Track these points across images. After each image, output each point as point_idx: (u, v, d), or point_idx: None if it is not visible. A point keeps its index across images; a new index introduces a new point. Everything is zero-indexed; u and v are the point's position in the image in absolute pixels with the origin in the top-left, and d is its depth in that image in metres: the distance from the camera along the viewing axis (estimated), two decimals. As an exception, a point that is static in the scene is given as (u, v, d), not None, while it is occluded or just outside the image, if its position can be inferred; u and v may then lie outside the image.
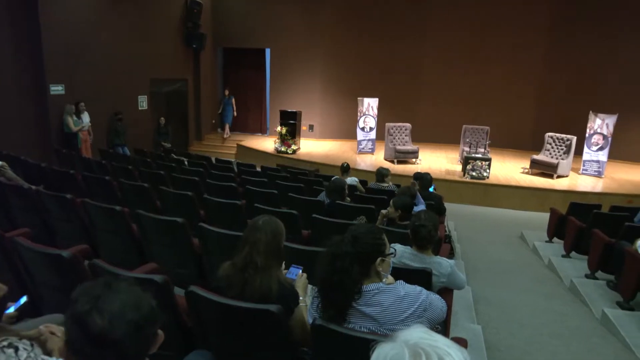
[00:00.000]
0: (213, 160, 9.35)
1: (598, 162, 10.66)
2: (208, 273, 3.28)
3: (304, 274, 2.18)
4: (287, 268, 2.18)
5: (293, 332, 1.93)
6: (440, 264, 2.70)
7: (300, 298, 2.05)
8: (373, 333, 1.73)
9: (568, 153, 10.49)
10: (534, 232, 7.41)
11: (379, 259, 1.84)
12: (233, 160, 10.84)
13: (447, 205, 6.32)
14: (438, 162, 11.82)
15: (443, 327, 2.49)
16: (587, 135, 10.71)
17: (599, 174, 10.64)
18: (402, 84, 13.96)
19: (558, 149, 10.77)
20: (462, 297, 4.21)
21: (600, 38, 12.41)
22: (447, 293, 2.69)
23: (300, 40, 13.84)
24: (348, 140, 13.81)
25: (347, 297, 1.76)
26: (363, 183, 6.82)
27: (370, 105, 12.25)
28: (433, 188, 6.52)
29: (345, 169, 6.82)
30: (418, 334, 0.86)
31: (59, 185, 5.24)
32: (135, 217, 3.46)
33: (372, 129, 12.39)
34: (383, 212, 3.93)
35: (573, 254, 5.99)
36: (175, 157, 9.17)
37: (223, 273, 2.05)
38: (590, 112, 10.71)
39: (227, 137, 14.17)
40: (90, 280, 1.09)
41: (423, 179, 6.00)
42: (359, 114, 12.25)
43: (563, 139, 10.71)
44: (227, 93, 14.25)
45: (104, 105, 9.96)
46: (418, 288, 1.88)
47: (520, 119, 13.63)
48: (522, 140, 13.55)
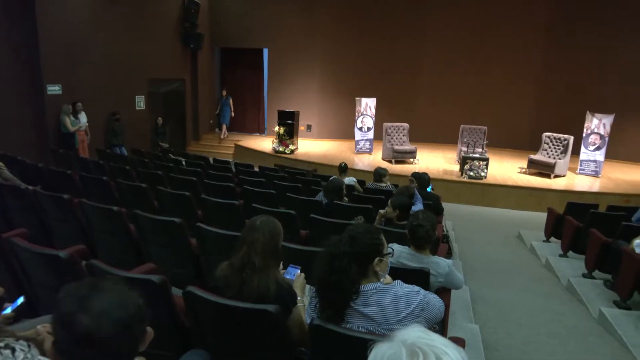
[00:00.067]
0: (211, 161, 9.34)
1: (595, 161, 10.69)
2: (206, 273, 3.27)
3: (302, 274, 2.18)
4: (285, 268, 2.18)
5: (291, 332, 1.94)
6: (438, 264, 2.70)
7: (298, 298, 2.05)
8: (371, 333, 1.73)
9: (565, 153, 10.52)
10: (532, 231, 7.43)
11: (377, 259, 1.84)
12: (231, 160, 10.84)
13: (444, 205, 6.33)
14: (436, 162, 11.84)
15: (441, 326, 2.49)
16: (584, 135, 10.74)
17: (596, 174, 10.67)
18: (399, 84, 13.97)
19: (555, 149, 10.80)
20: (459, 296, 4.21)
21: (598, 38, 12.45)
22: (444, 293, 2.69)
23: (298, 40, 13.83)
24: (346, 140, 13.81)
25: (345, 297, 1.76)
26: (361, 183, 6.83)
27: (368, 105, 12.26)
28: (431, 188, 6.53)
29: (343, 169, 6.83)
30: (415, 334, 0.86)
31: (56, 186, 5.22)
32: (133, 217, 3.45)
33: (369, 129, 12.40)
34: (381, 212, 3.93)
35: (570, 254, 6.00)
36: (173, 157, 9.16)
37: (221, 273, 2.04)
38: (588, 112, 10.75)
39: (224, 137, 14.15)
40: (76, 281, 1.09)
41: (421, 179, 6.01)
42: (357, 114, 12.25)
43: (560, 139, 10.74)
44: (224, 94, 14.24)
45: (102, 106, 9.93)
46: (416, 288, 1.88)
47: (518, 119, 13.66)
48: (519, 140, 13.58)
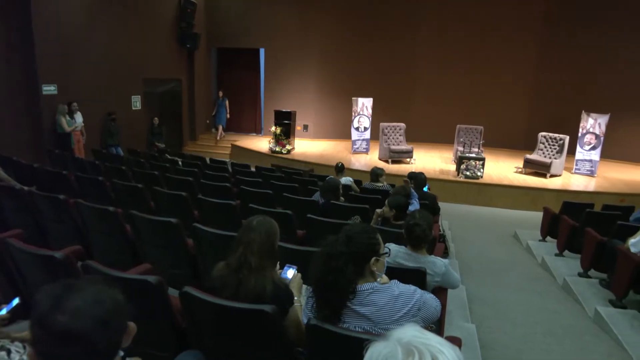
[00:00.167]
0: (207, 161, 9.32)
1: (590, 161, 10.74)
2: (202, 273, 3.27)
3: (299, 274, 2.18)
4: (281, 268, 2.18)
5: (288, 332, 1.93)
6: (435, 264, 2.71)
7: (295, 298, 2.05)
8: (368, 333, 1.73)
9: (561, 152, 10.56)
10: (528, 231, 7.45)
11: (374, 259, 1.84)
12: (227, 161, 10.81)
13: (441, 205, 6.35)
14: (432, 161, 11.86)
15: (437, 326, 2.50)
16: (579, 135, 10.78)
17: (592, 173, 10.72)
18: (396, 84, 13.99)
19: (551, 149, 10.84)
20: (456, 296, 4.22)
21: (594, 38, 12.51)
22: (441, 292, 2.70)
23: (295, 40, 13.83)
24: (342, 140, 13.82)
25: (341, 296, 1.76)
26: (358, 183, 6.83)
27: (365, 105, 12.26)
28: (427, 188, 6.54)
29: (340, 169, 6.83)
30: (411, 333, 0.86)
31: (52, 186, 5.20)
32: (129, 217, 3.44)
33: (366, 129, 12.41)
34: (378, 211, 3.93)
35: (566, 253, 6.03)
36: (169, 157, 9.14)
37: (217, 273, 2.04)
38: (583, 111, 10.79)
39: (220, 139, 14.11)
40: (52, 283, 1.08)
41: (417, 179, 6.01)
42: (354, 114, 12.26)
43: (556, 139, 10.78)
44: (221, 95, 14.20)
45: (97, 106, 9.89)
46: (412, 287, 1.88)
47: (514, 119, 13.71)
48: (515, 140, 13.63)
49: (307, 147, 13.10)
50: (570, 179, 10.52)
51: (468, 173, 9.95)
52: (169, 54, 12.60)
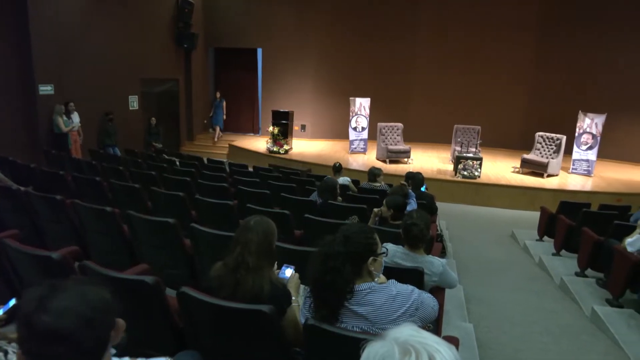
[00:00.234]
0: (205, 161, 9.31)
1: (587, 161, 10.78)
2: (200, 274, 3.26)
3: (296, 274, 2.18)
4: (279, 268, 2.18)
5: (285, 332, 1.93)
6: (432, 263, 2.71)
7: (293, 298, 2.05)
8: (365, 332, 1.73)
9: (558, 152, 10.59)
10: (525, 230, 7.47)
11: (371, 259, 1.84)
12: (225, 161, 10.80)
13: (438, 205, 6.35)
14: (430, 161, 11.88)
15: (435, 325, 2.50)
16: (576, 135, 10.82)
17: (589, 173, 10.76)
18: (394, 84, 14.00)
19: (548, 148, 10.87)
20: (453, 295, 4.23)
21: (590, 39, 12.55)
22: (439, 292, 2.71)
23: (292, 40, 13.82)
24: (340, 140, 13.82)
25: (339, 296, 1.76)
26: (355, 183, 6.83)
27: (362, 105, 12.27)
28: (425, 187, 6.54)
29: (338, 169, 6.83)
30: (407, 332, 0.86)
31: (49, 186, 5.18)
32: (126, 218, 3.44)
33: (364, 129, 12.42)
34: (375, 210, 3.93)
35: (563, 252, 6.05)
36: (167, 157, 9.12)
37: (215, 274, 2.04)
38: (580, 111, 10.83)
39: (217, 140, 14.08)
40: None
41: (415, 179, 6.02)
42: (351, 114, 12.26)
43: (553, 139, 10.81)
44: (218, 96, 14.17)
45: (95, 106, 9.87)
46: (410, 287, 1.88)
47: (511, 119, 13.74)
48: (512, 140, 13.65)
49: (304, 147, 13.10)
50: (567, 179, 10.55)
51: (465, 173, 9.97)
52: (167, 54, 12.58)
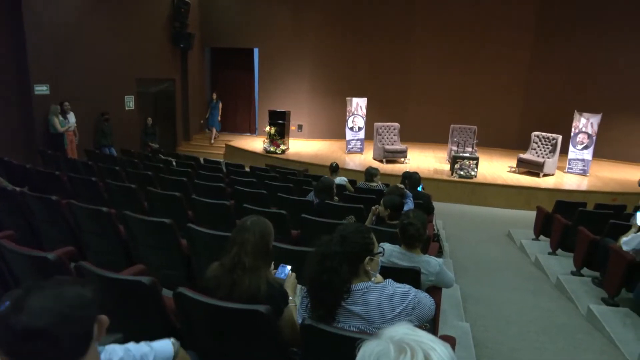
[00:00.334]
0: (201, 161, 9.29)
1: (583, 160, 10.82)
2: (196, 274, 3.26)
3: (293, 274, 2.17)
4: (276, 268, 2.18)
5: (282, 332, 1.93)
6: (429, 263, 2.72)
7: (290, 298, 2.05)
8: (362, 332, 1.73)
9: (554, 152, 10.63)
10: (521, 230, 7.49)
11: (368, 258, 1.84)
12: (222, 161, 10.78)
13: (435, 204, 6.35)
14: (426, 161, 11.90)
15: (432, 325, 2.51)
16: (572, 134, 10.86)
17: (584, 173, 10.80)
18: (390, 84, 14.02)
19: (544, 148, 10.91)
20: (450, 295, 4.24)
21: (586, 39, 12.60)
22: (435, 291, 2.71)
23: (289, 40, 13.82)
24: (337, 140, 13.83)
25: (336, 296, 1.76)
26: (352, 183, 6.83)
27: (359, 105, 12.28)
28: (421, 187, 6.55)
29: (334, 169, 6.83)
30: (403, 330, 0.87)
31: (44, 187, 5.17)
32: (122, 218, 3.42)
33: (360, 129, 12.42)
34: (373, 208, 3.94)
35: (559, 252, 6.07)
36: (163, 157, 9.09)
37: (211, 274, 2.03)
38: (576, 111, 10.87)
39: (214, 141, 14.06)
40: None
41: (411, 178, 6.03)
42: (348, 114, 12.27)
43: (549, 138, 10.85)
44: (214, 97, 14.15)
45: (90, 106, 9.82)
46: (407, 287, 1.89)
47: (507, 119, 13.79)
48: (509, 140, 13.70)
49: (301, 147, 13.10)
50: (563, 178, 10.60)
51: (462, 172, 9.99)
52: (163, 54, 12.54)
